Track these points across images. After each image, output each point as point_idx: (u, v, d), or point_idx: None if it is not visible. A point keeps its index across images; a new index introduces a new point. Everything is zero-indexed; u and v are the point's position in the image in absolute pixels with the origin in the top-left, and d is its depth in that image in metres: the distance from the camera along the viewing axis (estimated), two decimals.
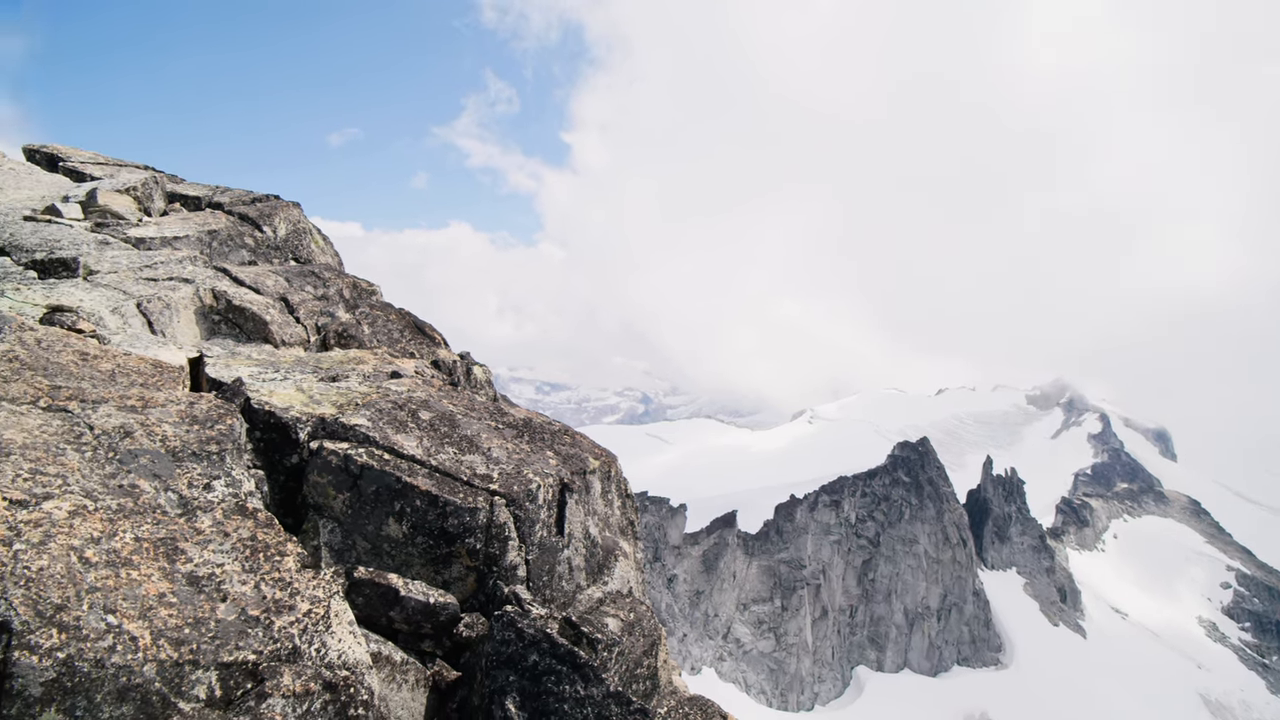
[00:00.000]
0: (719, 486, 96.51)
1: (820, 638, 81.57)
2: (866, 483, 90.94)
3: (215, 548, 2.88)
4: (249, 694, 2.57)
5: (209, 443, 3.42)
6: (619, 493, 6.07)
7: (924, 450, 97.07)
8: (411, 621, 3.93)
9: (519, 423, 5.59)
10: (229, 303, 5.85)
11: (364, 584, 3.76)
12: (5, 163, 9.06)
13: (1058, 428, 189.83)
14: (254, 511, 3.16)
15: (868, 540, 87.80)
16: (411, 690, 3.78)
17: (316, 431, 4.25)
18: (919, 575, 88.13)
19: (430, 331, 7.51)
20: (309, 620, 2.84)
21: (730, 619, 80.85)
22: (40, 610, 2.35)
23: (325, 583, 3.03)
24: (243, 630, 2.67)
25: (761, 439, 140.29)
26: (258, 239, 8.12)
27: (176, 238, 6.98)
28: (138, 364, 4.09)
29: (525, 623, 3.72)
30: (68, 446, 3.03)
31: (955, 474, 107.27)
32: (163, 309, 5.21)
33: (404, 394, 5.10)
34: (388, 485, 4.04)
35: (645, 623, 5.02)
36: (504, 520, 4.34)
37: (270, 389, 4.55)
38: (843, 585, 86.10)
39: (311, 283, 7.14)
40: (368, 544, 4.01)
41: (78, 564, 2.54)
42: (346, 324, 6.68)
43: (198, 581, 2.72)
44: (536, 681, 3.62)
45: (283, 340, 5.89)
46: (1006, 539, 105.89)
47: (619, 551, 5.71)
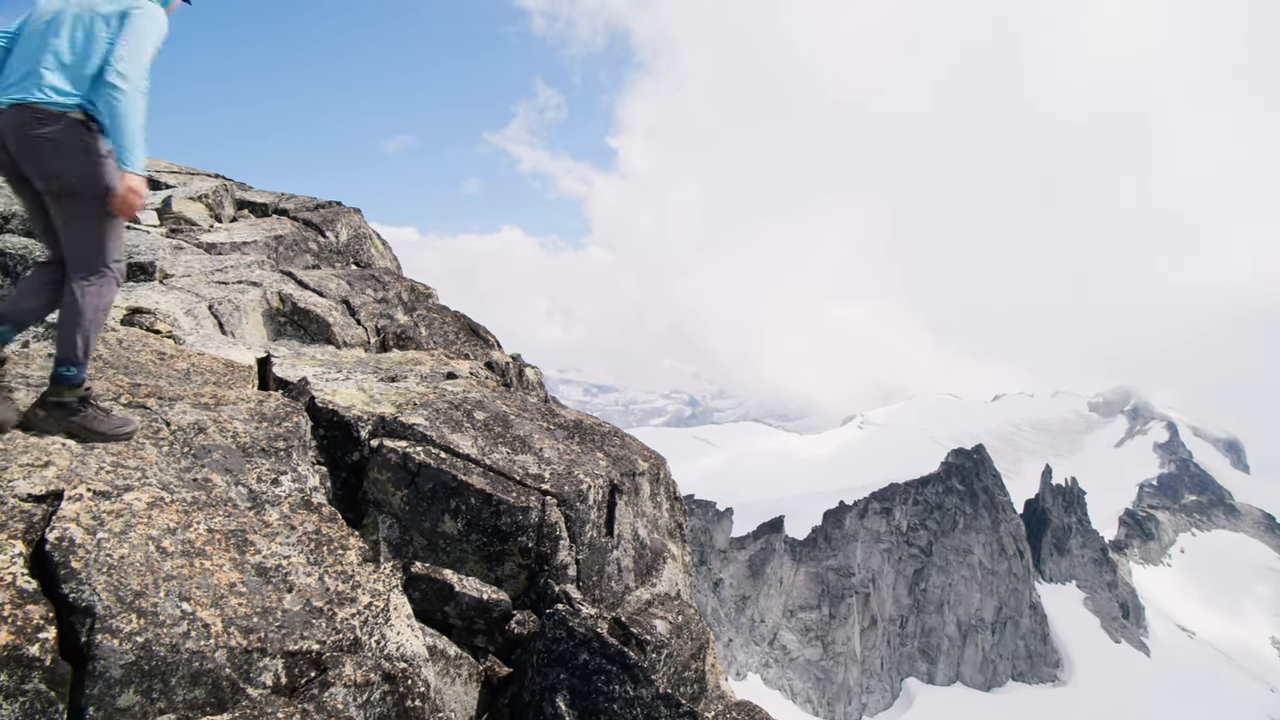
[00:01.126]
0: (766, 491, 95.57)
1: (869, 647, 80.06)
2: (919, 490, 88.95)
3: (282, 540, 3.00)
4: (312, 682, 2.66)
5: (277, 439, 3.56)
6: (667, 495, 6.09)
7: (979, 458, 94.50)
8: (465, 617, 4.01)
9: (570, 424, 5.66)
10: (294, 305, 6.09)
11: (420, 579, 3.86)
12: None
13: (1121, 436, 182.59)
14: (318, 506, 3.29)
15: (919, 549, 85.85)
16: (465, 684, 3.86)
17: (377, 430, 4.38)
18: (973, 586, 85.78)
19: (484, 334, 7.67)
20: (370, 613, 2.93)
21: (776, 625, 79.99)
22: (121, 596, 2.47)
23: (385, 577, 3.12)
24: (307, 621, 2.77)
25: (809, 444, 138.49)
26: (321, 244, 8.44)
27: (245, 243, 7.30)
28: (210, 363, 4.29)
29: (576, 621, 3.76)
30: (146, 441, 3.20)
31: (1012, 483, 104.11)
32: (233, 311, 5.46)
33: (459, 394, 5.22)
34: (444, 483, 4.14)
35: (693, 626, 5.02)
36: (555, 520, 4.40)
37: (333, 388, 4.71)
38: (893, 595, 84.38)
39: (371, 286, 7.39)
40: (424, 540, 4.11)
41: (155, 553, 2.67)
42: (405, 326, 6.88)
43: (266, 572, 2.84)
44: (587, 680, 3.66)
45: (344, 341, 6.11)
46: (1066, 551, 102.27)
47: (667, 554, 5.72)
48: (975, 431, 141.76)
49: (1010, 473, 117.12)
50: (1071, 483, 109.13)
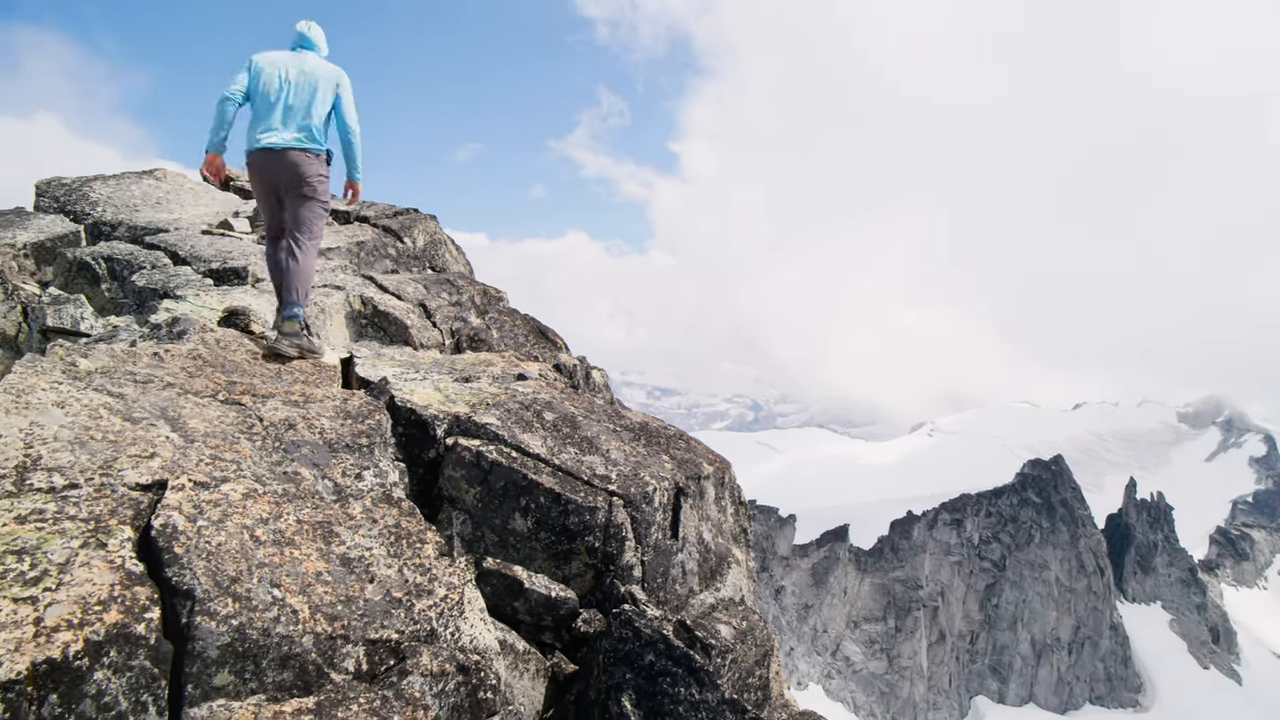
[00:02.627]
0: (830, 498, 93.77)
1: (936, 663, 77.58)
2: (992, 501, 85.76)
3: (364, 533, 3.13)
4: (391, 670, 2.77)
5: (360, 436, 3.72)
6: (732, 499, 6.07)
7: (1058, 469, 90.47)
8: (534, 613, 4.09)
9: (635, 426, 5.70)
10: (375, 308, 6.35)
11: (491, 574, 3.96)
12: (186, 183, 10.25)
13: (1213, 449, 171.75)
14: (398, 501, 3.42)
15: (992, 563, 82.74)
16: (532, 679, 3.94)
17: (452, 428, 4.52)
18: (1049, 603, 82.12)
19: (552, 336, 7.81)
20: (445, 605, 3.03)
21: (840, 636, 78.36)
22: (218, 581, 2.63)
23: (460, 571, 3.22)
24: (387, 610, 2.88)
25: (876, 450, 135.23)
26: (399, 249, 8.79)
27: (329, 249, 7.68)
28: (299, 363, 4.52)
29: (642, 622, 3.79)
30: (241, 436, 3.39)
31: (1093, 496, 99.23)
32: (318, 313, 5.73)
33: (529, 395, 5.33)
34: (515, 481, 4.24)
35: (758, 632, 4.99)
36: (621, 520, 4.44)
37: (411, 388, 4.88)
38: (963, 609, 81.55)
39: (446, 290, 7.64)
40: (495, 536, 4.22)
41: (249, 541, 2.83)
42: (477, 329, 7.09)
43: (349, 563, 2.97)
44: (652, 681, 3.69)
45: (421, 343, 6.33)
46: (1151, 570, 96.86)
47: (731, 558, 5.70)
48: (1053, 441, 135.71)
49: (1091, 486, 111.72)
50: (1158, 498, 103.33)
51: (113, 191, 9.25)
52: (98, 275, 6.47)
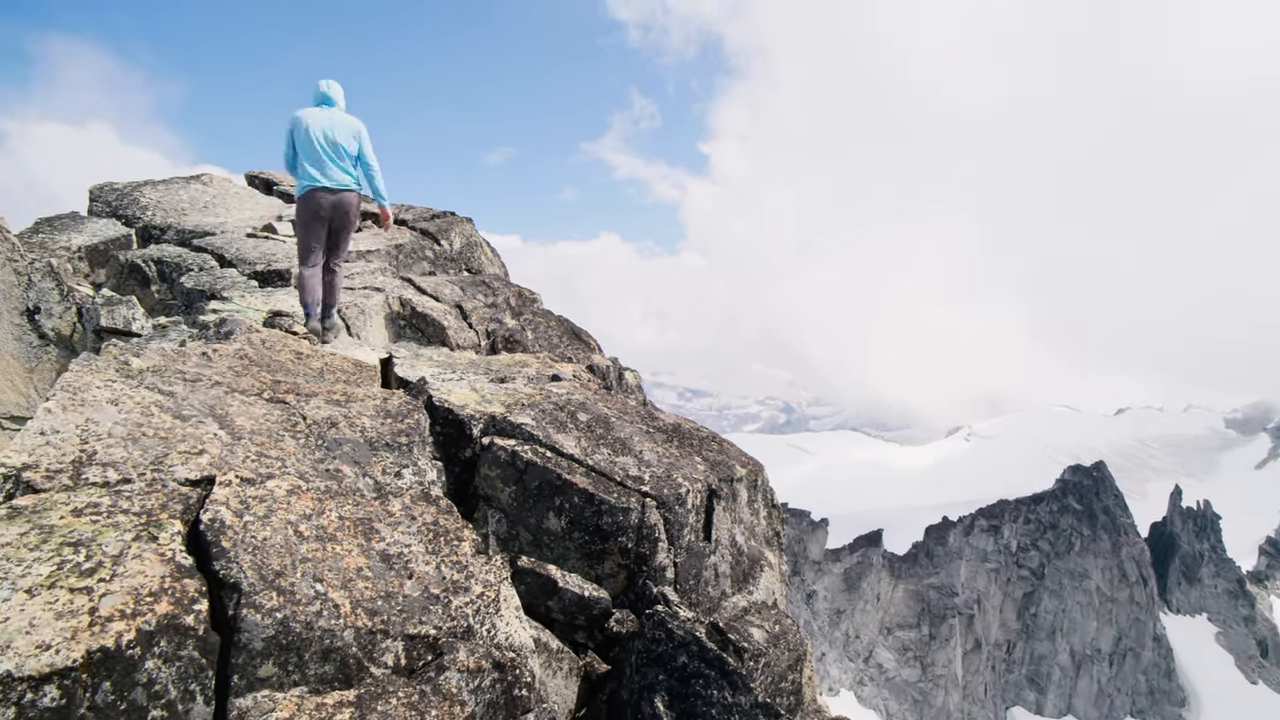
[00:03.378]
0: (863, 502, 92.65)
1: (972, 672, 76.10)
2: (1031, 508, 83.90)
3: (404, 530, 3.19)
4: (429, 665, 2.81)
5: (399, 435, 3.79)
6: (765, 502, 6.04)
7: (1099, 475, 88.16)
8: (567, 612, 4.12)
9: (668, 428, 5.71)
10: (413, 309, 6.47)
11: (526, 572, 4.00)
12: (231, 188, 10.53)
13: (1264, 456, 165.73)
14: (436, 499, 3.48)
15: (1030, 571, 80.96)
16: (565, 678, 3.96)
17: (487, 428, 4.58)
18: (1089, 613, 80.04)
19: (585, 338, 7.86)
20: (482, 602, 3.07)
21: (872, 642, 77.32)
22: (264, 575, 2.69)
23: (496, 569, 3.26)
24: (425, 606, 2.93)
25: (911, 454, 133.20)
26: (436, 251, 8.95)
27: (369, 251, 7.84)
28: (341, 363, 4.62)
29: (675, 624, 3.80)
30: (285, 433, 3.48)
31: (1136, 504, 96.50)
32: (358, 314, 5.85)
33: (564, 396, 5.37)
34: (549, 481, 4.27)
35: (790, 636, 4.95)
36: (654, 522, 4.45)
37: (448, 388, 4.96)
38: (1000, 618, 79.90)
39: (482, 291, 7.75)
40: (530, 535, 4.26)
41: (293, 536, 2.90)
42: (512, 330, 7.18)
43: (389, 559, 3.03)
44: (685, 683, 3.69)
45: (458, 344, 6.43)
46: (1196, 581, 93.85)
47: (764, 561, 5.67)
48: (1095, 447, 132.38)
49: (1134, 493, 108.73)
50: (1205, 506, 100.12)
51: (162, 196, 9.55)
52: (148, 277, 6.69)
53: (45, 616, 2.20)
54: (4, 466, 2.80)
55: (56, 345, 5.52)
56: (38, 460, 2.89)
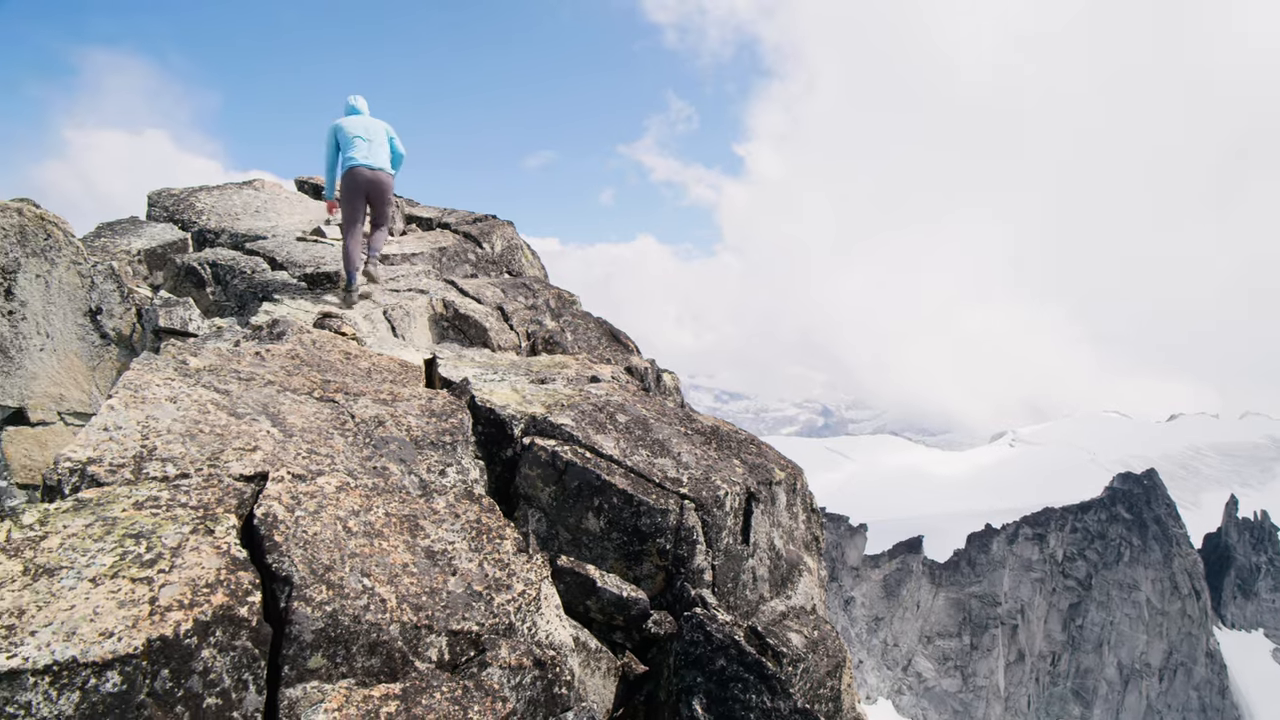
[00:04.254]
0: (903, 508, 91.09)
1: (1014, 683, 74.25)
2: (1078, 516, 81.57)
3: (448, 527, 3.25)
4: (471, 661, 2.85)
5: (444, 434, 3.87)
6: (804, 506, 5.99)
7: (1150, 484, 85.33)
8: (605, 612, 4.14)
9: (707, 430, 5.70)
10: (456, 311, 6.59)
11: (565, 572, 4.03)
12: (282, 193, 10.85)
13: None
14: (479, 497, 3.53)
15: (1077, 581, 78.71)
16: (603, 677, 3.99)
17: (528, 428, 4.63)
18: (1138, 626, 77.48)
19: (624, 339, 7.89)
20: (523, 600, 3.11)
21: (911, 651, 75.97)
22: (314, 569, 2.77)
23: (537, 567, 3.30)
24: (468, 603, 2.98)
25: (952, 460, 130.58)
26: (478, 254, 9.12)
27: (414, 254, 8.01)
28: (388, 363, 4.73)
29: (714, 626, 3.80)
30: (335, 431, 3.58)
31: (1189, 514, 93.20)
32: (403, 316, 5.98)
33: (603, 397, 5.41)
34: (589, 481, 4.30)
35: (829, 642, 4.91)
36: (692, 524, 4.45)
37: (490, 388, 5.03)
38: (1044, 629, 77.83)
39: (523, 293, 7.87)
40: (569, 535, 4.30)
41: (342, 532, 2.97)
42: (552, 331, 7.27)
43: (433, 556, 3.09)
44: (723, 687, 3.69)
45: (499, 345, 6.52)
46: (1253, 595, 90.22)
47: (803, 566, 5.63)
48: (1146, 455, 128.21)
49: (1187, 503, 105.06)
50: (1262, 517, 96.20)
51: (216, 201, 9.88)
52: (203, 279, 6.92)
53: (108, 605, 2.28)
54: (70, 461, 2.93)
55: (117, 345, 5.74)
56: (101, 455, 3.01)
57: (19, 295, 5.58)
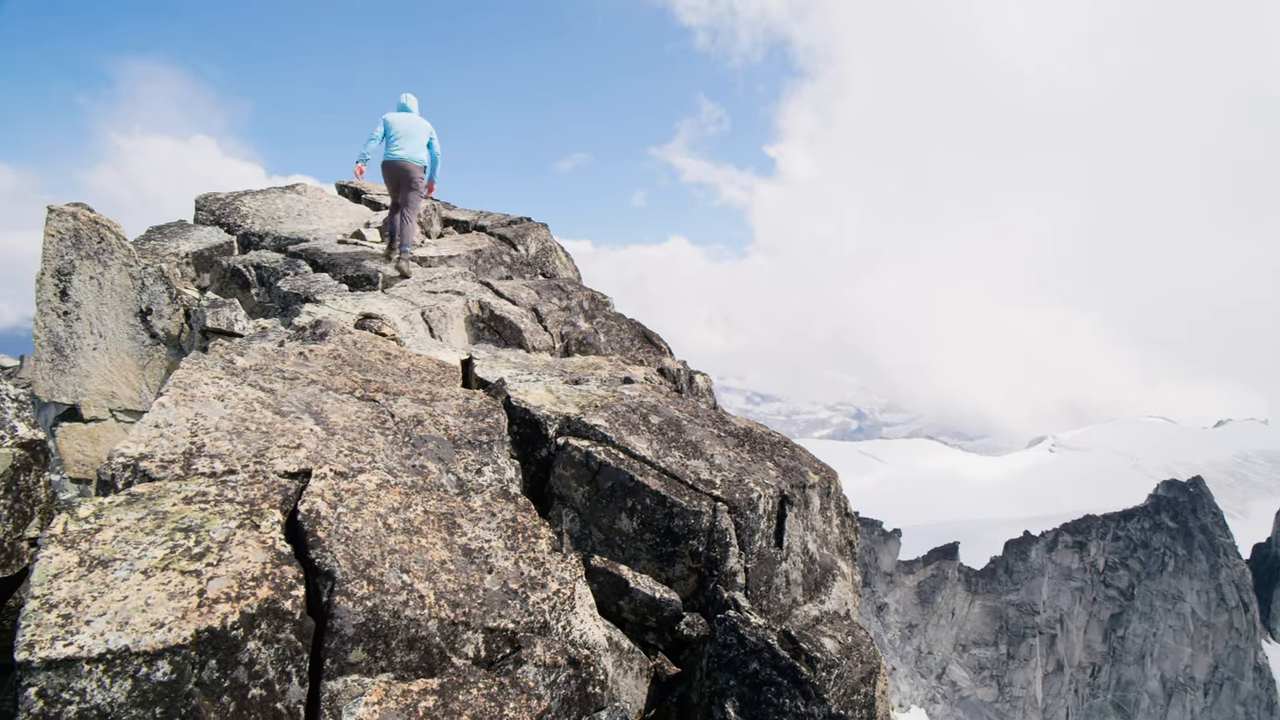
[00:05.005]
0: (938, 513, 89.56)
1: (1052, 695, 72.49)
2: (1120, 524, 79.37)
3: (484, 525, 3.29)
4: (507, 658, 2.89)
5: (480, 433, 3.92)
6: (838, 511, 5.94)
7: (1196, 492, 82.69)
8: (638, 613, 4.15)
9: (740, 432, 5.68)
10: (491, 312, 6.66)
11: (599, 572, 4.05)
12: (323, 196, 11.10)
13: None
14: (515, 496, 3.57)
15: (1118, 591, 76.60)
16: (636, 678, 4.00)
17: (562, 429, 4.67)
18: (1182, 639, 75.07)
19: (657, 341, 7.91)
20: (558, 599, 3.14)
21: (946, 659, 74.63)
22: (355, 564, 2.82)
23: (572, 567, 3.33)
24: (504, 601, 3.02)
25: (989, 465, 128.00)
26: (513, 256, 9.25)
27: (450, 257, 8.14)
28: (426, 363, 4.81)
29: (747, 630, 3.79)
30: (375, 430, 3.65)
31: (1237, 523, 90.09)
32: (440, 317, 6.06)
33: (636, 398, 5.42)
34: (622, 482, 4.32)
35: (864, 648, 4.86)
36: (725, 526, 4.44)
37: (525, 389, 5.08)
38: (1084, 639, 75.87)
39: (557, 295, 7.94)
40: (602, 535, 4.32)
41: (382, 529, 3.03)
42: (586, 333, 7.31)
43: (470, 553, 3.13)
44: (756, 690, 3.67)
45: (533, 346, 6.58)
46: None
47: (837, 571, 5.58)
48: (1192, 462, 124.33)
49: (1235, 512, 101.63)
50: None
51: (260, 205, 10.14)
52: (248, 281, 7.10)
53: (159, 596, 2.35)
54: (123, 456, 3.03)
55: (166, 344, 5.93)
56: (153, 451, 3.11)
57: (74, 296, 5.78)
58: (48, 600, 2.27)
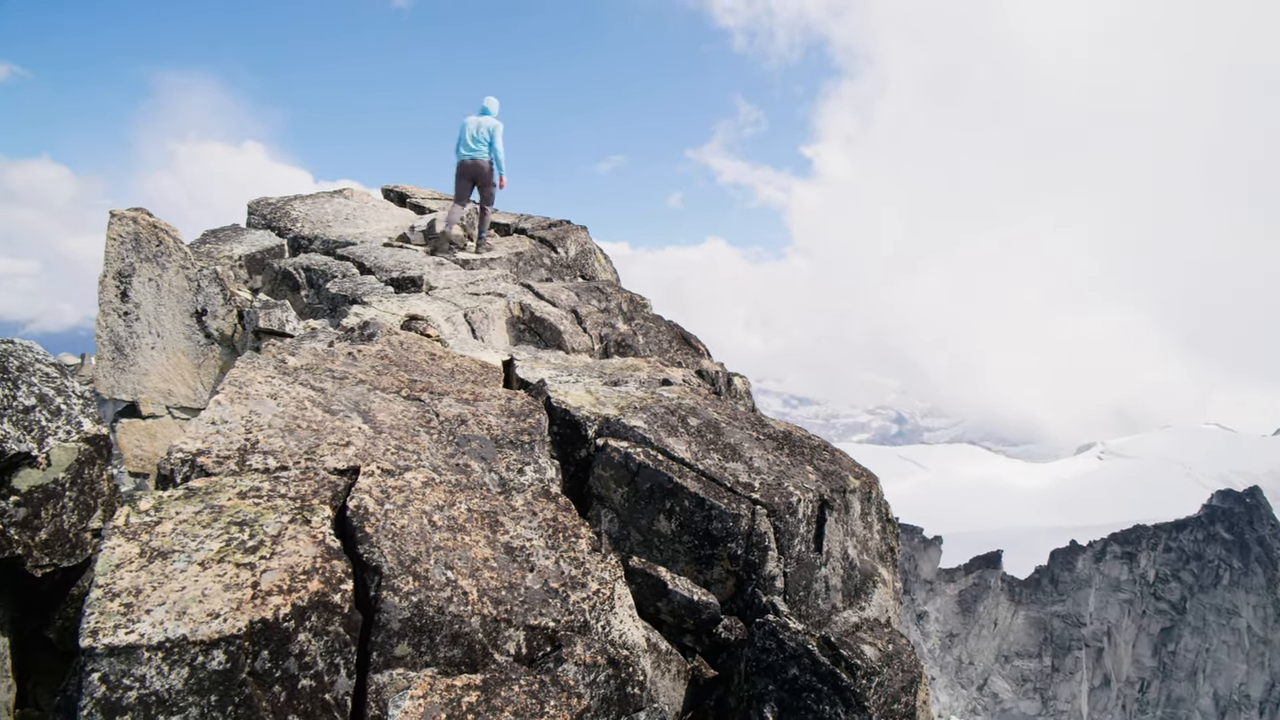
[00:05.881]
0: (981, 521, 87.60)
1: (1099, 709, 70.36)
2: (1172, 535, 76.73)
3: (526, 524, 3.34)
4: (548, 656, 2.92)
5: (522, 433, 3.97)
6: (879, 516, 5.87)
7: (1254, 502, 79.50)
8: (676, 615, 4.16)
9: (779, 435, 5.65)
10: (532, 314, 6.75)
11: (637, 573, 4.07)
12: (370, 200, 11.38)
13: None
14: (556, 496, 3.62)
15: (1170, 604, 74.03)
16: (674, 680, 4.01)
17: (601, 430, 4.70)
18: (1237, 655, 72.22)
19: (695, 343, 7.91)
20: (598, 599, 3.16)
21: (988, 670, 72.98)
22: (401, 560, 2.89)
23: (611, 567, 3.35)
24: (545, 599, 3.05)
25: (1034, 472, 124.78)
26: (553, 259, 9.39)
27: (492, 259, 8.27)
28: (470, 364, 4.89)
29: (786, 635, 3.77)
30: (421, 429, 3.72)
31: None
32: (482, 318, 6.16)
33: (674, 400, 5.43)
34: (660, 484, 4.33)
35: (905, 657, 4.79)
36: (764, 530, 4.43)
37: (565, 390, 5.13)
38: (1132, 653, 73.49)
39: (596, 297, 8.00)
40: (640, 536, 4.34)
41: (427, 526, 3.09)
42: (624, 334, 7.35)
43: (512, 551, 3.18)
44: (796, 696, 3.65)
45: (573, 348, 6.64)
46: None
47: (877, 577, 5.51)
48: (1250, 471, 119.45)
49: None
50: None
51: (309, 209, 10.43)
52: (298, 283, 7.30)
53: (215, 588, 2.42)
54: (182, 452, 3.14)
55: (219, 344, 6.13)
56: (209, 447, 3.22)
57: (133, 297, 6.01)
58: (110, 589, 2.35)
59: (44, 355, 3.75)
